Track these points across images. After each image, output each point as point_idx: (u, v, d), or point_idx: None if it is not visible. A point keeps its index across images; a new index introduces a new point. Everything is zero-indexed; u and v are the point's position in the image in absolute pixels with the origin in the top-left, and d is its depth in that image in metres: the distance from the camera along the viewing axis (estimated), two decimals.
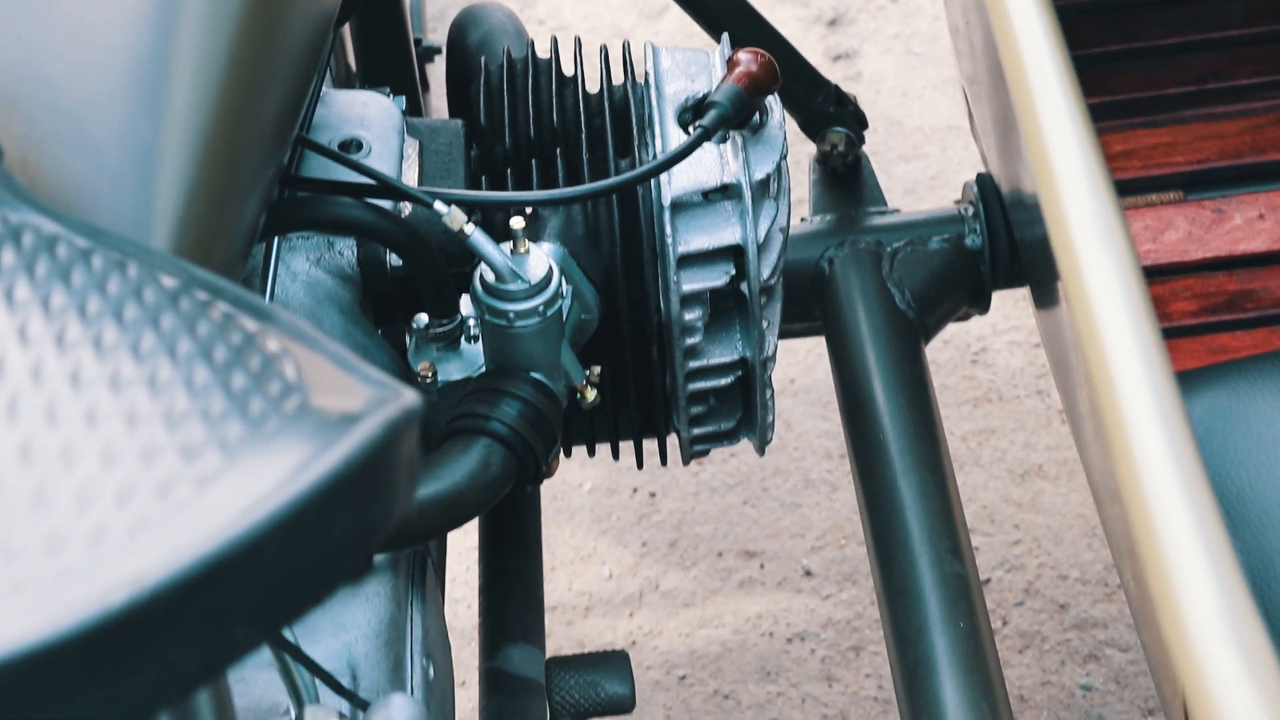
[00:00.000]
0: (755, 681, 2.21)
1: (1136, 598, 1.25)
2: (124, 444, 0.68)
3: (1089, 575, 2.27)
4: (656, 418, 1.54)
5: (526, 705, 1.56)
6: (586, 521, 2.43)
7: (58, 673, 0.59)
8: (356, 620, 1.30)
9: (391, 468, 0.68)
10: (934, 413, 1.64)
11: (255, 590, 0.63)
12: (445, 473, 1.30)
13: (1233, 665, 0.80)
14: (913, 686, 1.44)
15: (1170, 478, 0.89)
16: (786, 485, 2.43)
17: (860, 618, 2.25)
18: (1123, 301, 1.05)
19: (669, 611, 2.30)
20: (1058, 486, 2.38)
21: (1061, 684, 2.17)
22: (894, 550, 1.51)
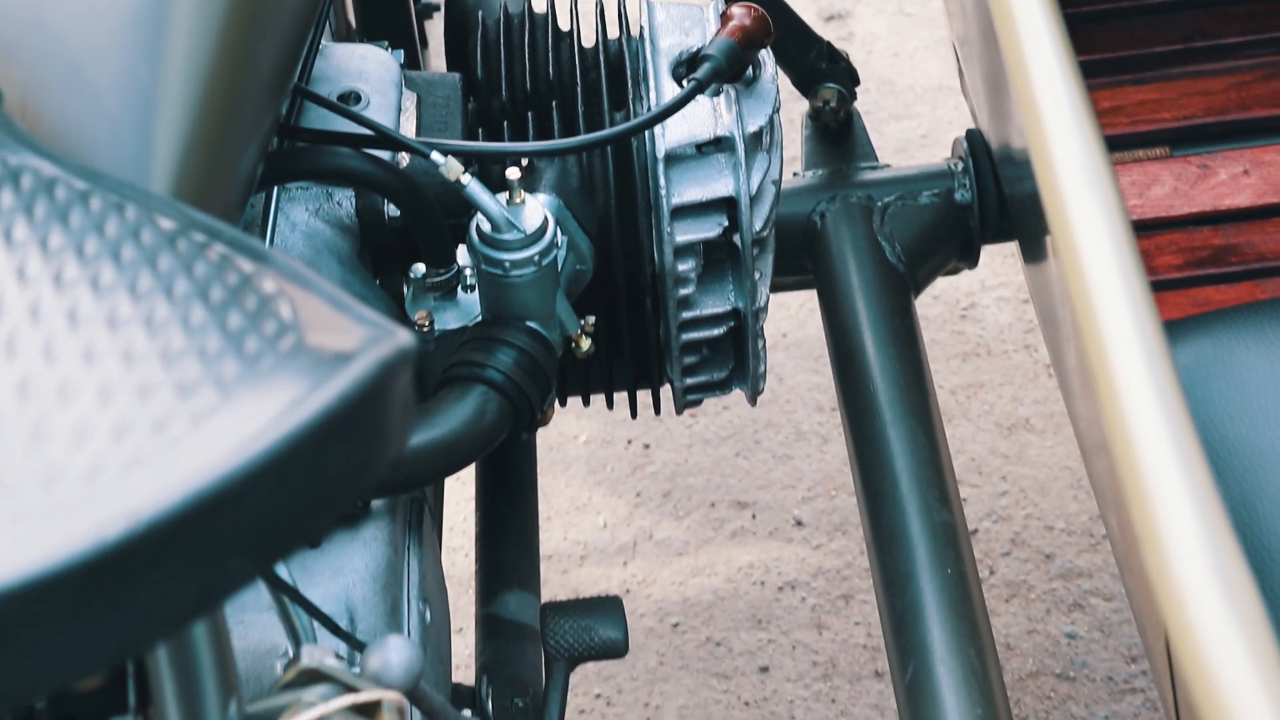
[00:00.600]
0: (747, 629, 2.20)
1: (1121, 544, 1.24)
2: (120, 381, 0.67)
3: (1074, 526, 2.27)
4: (650, 368, 1.53)
5: (522, 650, 1.56)
6: (582, 472, 2.42)
7: (54, 604, 0.59)
8: (354, 564, 1.30)
9: (385, 405, 0.68)
10: (923, 364, 1.64)
11: (250, 524, 0.63)
12: (442, 419, 1.30)
13: (1214, 600, 0.80)
14: (901, 631, 1.43)
15: (1157, 424, 0.88)
16: (778, 437, 2.43)
17: (850, 567, 2.25)
18: (1111, 253, 1.04)
19: (662, 560, 2.30)
20: (1044, 439, 2.38)
21: (1047, 632, 2.16)
22: (883, 498, 1.51)
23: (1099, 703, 2.08)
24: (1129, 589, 1.30)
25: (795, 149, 1.94)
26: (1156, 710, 2.07)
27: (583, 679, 2.17)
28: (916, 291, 1.74)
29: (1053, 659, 2.13)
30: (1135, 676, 2.10)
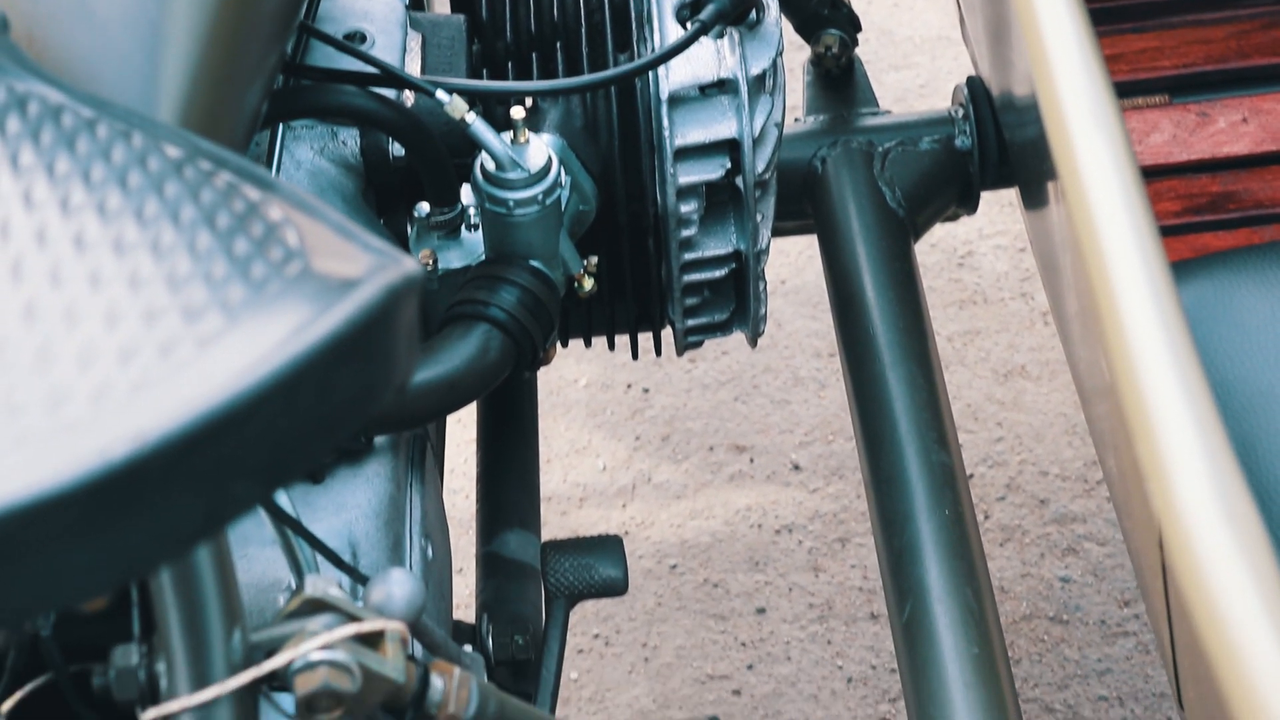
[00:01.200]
0: (744, 571, 2.20)
1: (1119, 485, 1.24)
2: (127, 305, 0.67)
3: (1069, 472, 2.26)
4: (652, 309, 1.52)
5: (522, 588, 1.56)
6: (582, 416, 2.42)
7: (60, 523, 0.58)
8: (357, 500, 1.29)
9: (391, 331, 0.67)
10: (922, 308, 1.63)
11: (256, 447, 0.62)
12: (445, 357, 1.29)
13: (1208, 501, 0.79)
14: (898, 571, 1.43)
15: (1164, 361, 0.87)
16: (776, 382, 2.42)
17: (846, 511, 2.25)
18: (1120, 193, 1.03)
19: (661, 503, 2.29)
20: (1040, 386, 2.37)
21: (1041, 576, 2.16)
22: (882, 440, 1.50)
23: (1092, 646, 2.08)
24: (1125, 530, 1.30)
25: (796, 98, 1.93)
26: (1149, 653, 2.06)
27: (581, 619, 2.17)
28: (916, 236, 1.73)
29: (1046, 602, 2.12)
30: (1128, 620, 2.09)
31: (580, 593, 1.49)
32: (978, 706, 1.33)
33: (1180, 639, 1.06)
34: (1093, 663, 2.06)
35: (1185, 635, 1.03)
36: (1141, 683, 2.03)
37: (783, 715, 2.04)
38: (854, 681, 2.07)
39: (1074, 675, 2.05)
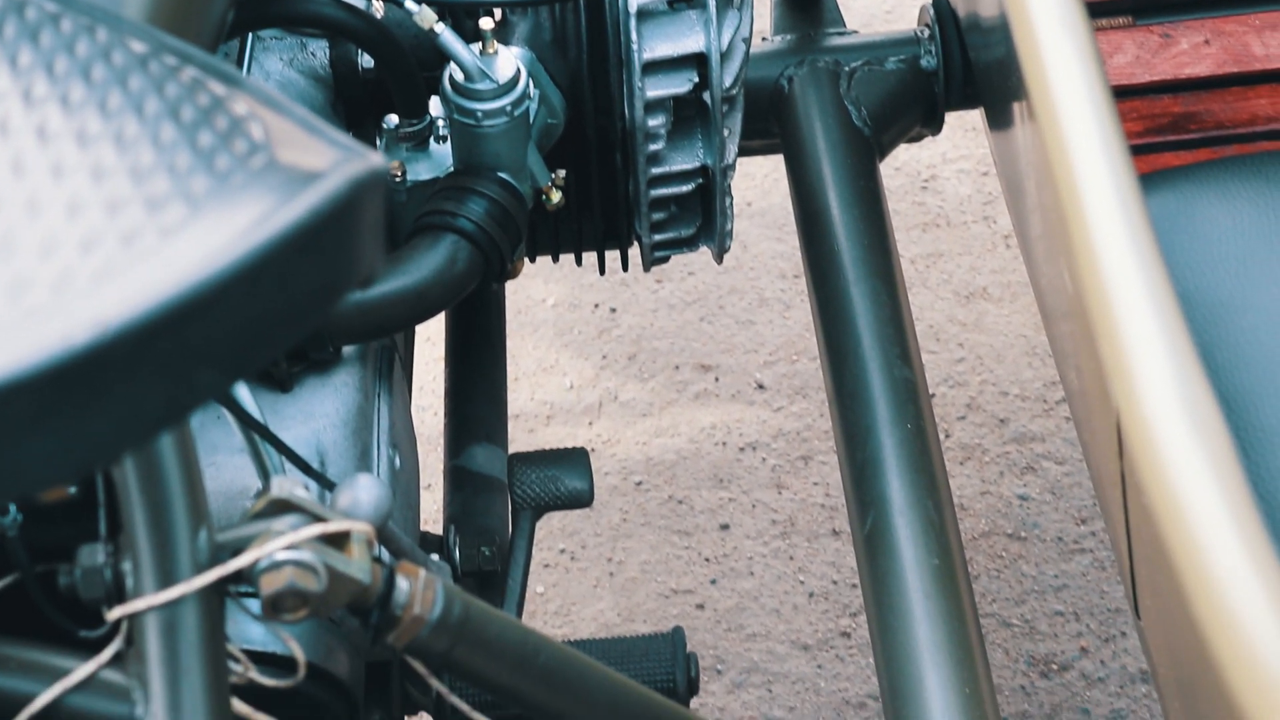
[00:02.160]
0: (708, 488, 2.19)
1: (1079, 396, 1.23)
2: (89, 196, 0.65)
3: (1029, 392, 2.26)
4: (619, 224, 1.51)
5: (489, 501, 1.55)
6: (549, 335, 2.40)
7: (22, 409, 0.57)
8: (325, 409, 1.28)
9: (355, 224, 0.65)
10: (887, 225, 1.62)
11: (220, 336, 0.61)
12: (413, 267, 1.27)
13: (1165, 382, 0.78)
14: (860, 484, 1.42)
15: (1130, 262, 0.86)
16: (742, 303, 2.41)
17: (809, 429, 2.24)
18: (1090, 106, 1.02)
19: (627, 421, 2.28)
20: (1001, 308, 2.36)
21: (1000, 494, 2.16)
22: (845, 354, 1.49)
23: (1049, 562, 2.08)
24: (1085, 443, 1.29)
25: (764, 22, 1.91)
26: (1104, 570, 2.06)
27: (547, 534, 2.16)
28: (881, 155, 1.72)
29: (1005, 519, 2.12)
30: (1084, 538, 2.09)
31: (546, 504, 1.48)
32: (937, 616, 1.32)
33: (1138, 546, 1.06)
34: (1049, 578, 2.06)
35: (1143, 541, 1.03)
36: (1097, 598, 2.03)
37: (745, 629, 2.04)
38: (815, 596, 2.07)
39: (1031, 591, 2.05)
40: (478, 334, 1.69)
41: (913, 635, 1.32)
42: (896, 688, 1.29)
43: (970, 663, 1.30)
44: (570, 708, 0.98)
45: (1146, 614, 1.14)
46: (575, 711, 0.99)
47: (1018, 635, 2.01)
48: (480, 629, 0.93)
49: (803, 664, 2.00)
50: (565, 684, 0.98)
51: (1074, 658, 1.98)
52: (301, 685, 1.14)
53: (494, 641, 0.94)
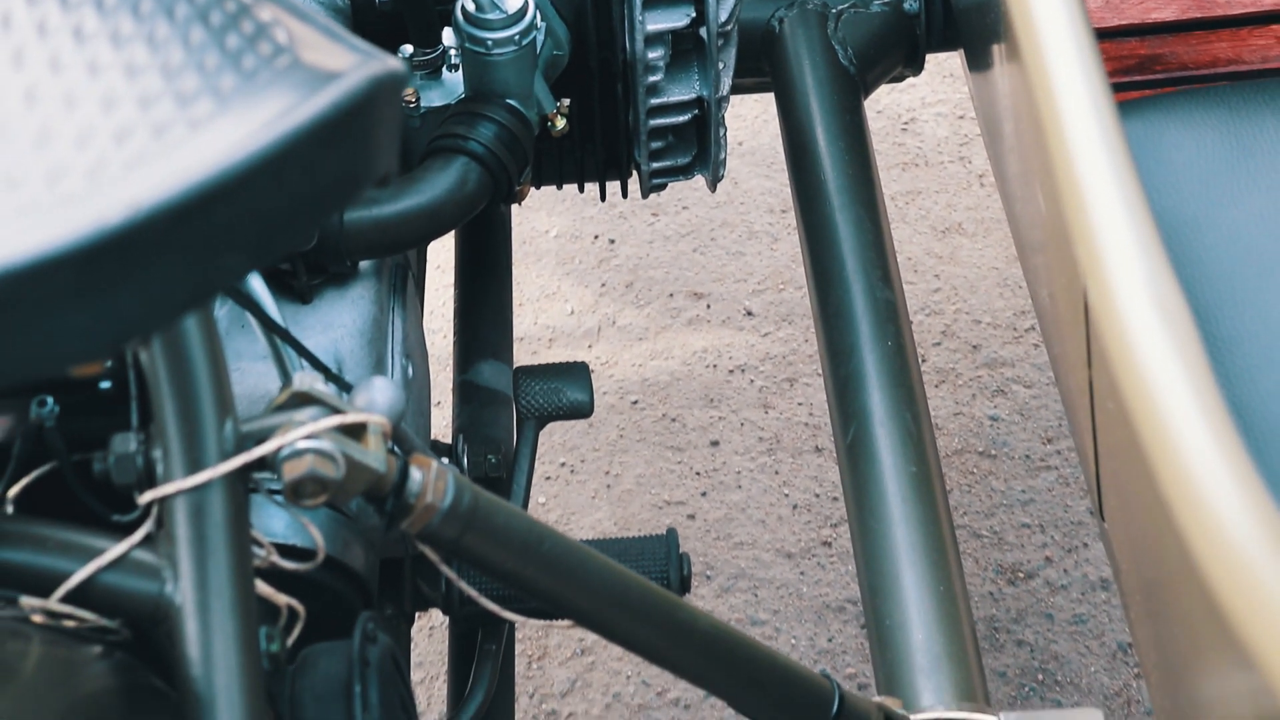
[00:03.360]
0: (700, 407, 2.19)
1: (1050, 312, 1.22)
2: (123, 91, 0.64)
3: (1000, 321, 2.25)
4: (619, 153, 1.50)
5: (496, 414, 1.54)
6: (552, 264, 2.39)
7: (58, 285, 0.56)
8: (343, 320, 1.27)
9: (373, 120, 0.64)
10: (870, 158, 1.61)
11: (245, 221, 0.60)
12: (426, 186, 1.26)
13: (1130, 257, 0.77)
14: (844, 397, 1.41)
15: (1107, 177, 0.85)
16: (732, 235, 2.40)
17: (795, 353, 2.23)
18: (1071, 35, 1.01)
19: (624, 344, 2.28)
20: (975, 242, 2.35)
21: (972, 415, 2.15)
22: (830, 277, 1.48)
23: (1017, 478, 2.08)
24: (1054, 358, 1.28)
25: None
26: (1069, 486, 2.06)
27: (549, 449, 2.16)
28: (865, 93, 1.70)
29: (976, 438, 2.12)
30: (1050, 456, 2.09)
31: (549, 414, 1.48)
32: (914, 520, 1.32)
33: (1104, 449, 1.05)
34: (1017, 493, 2.06)
35: (1109, 443, 1.02)
36: (1061, 512, 2.03)
37: (733, 538, 2.04)
38: (799, 508, 2.06)
39: (1000, 504, 2.05)
40: (485, 259, 1.69)
41: (891, 537, 1.31)
42: (875, 586, 1.29)
43: (944, 563, 1.29)
44: (572, 593, 0.98)
45: (1111, 515, 1.13)
46: (577, 597, 0.98)
47: (987, 546, 2.01)
48: (488, 518, 0.92)
49: (786, 570, 2.00)
50: (568, 571, 0.97)
51: (1039, 567, 1.98)
52: (319, 575, 1.14)
53: (501, 530, 0.93)
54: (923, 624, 1.24)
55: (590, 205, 2.44)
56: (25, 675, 0.75)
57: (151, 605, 0.84)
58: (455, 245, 1.72)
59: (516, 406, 1.47)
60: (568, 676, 1.92)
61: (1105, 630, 1.91)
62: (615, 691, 1.90)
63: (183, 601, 0.83)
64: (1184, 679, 1.02)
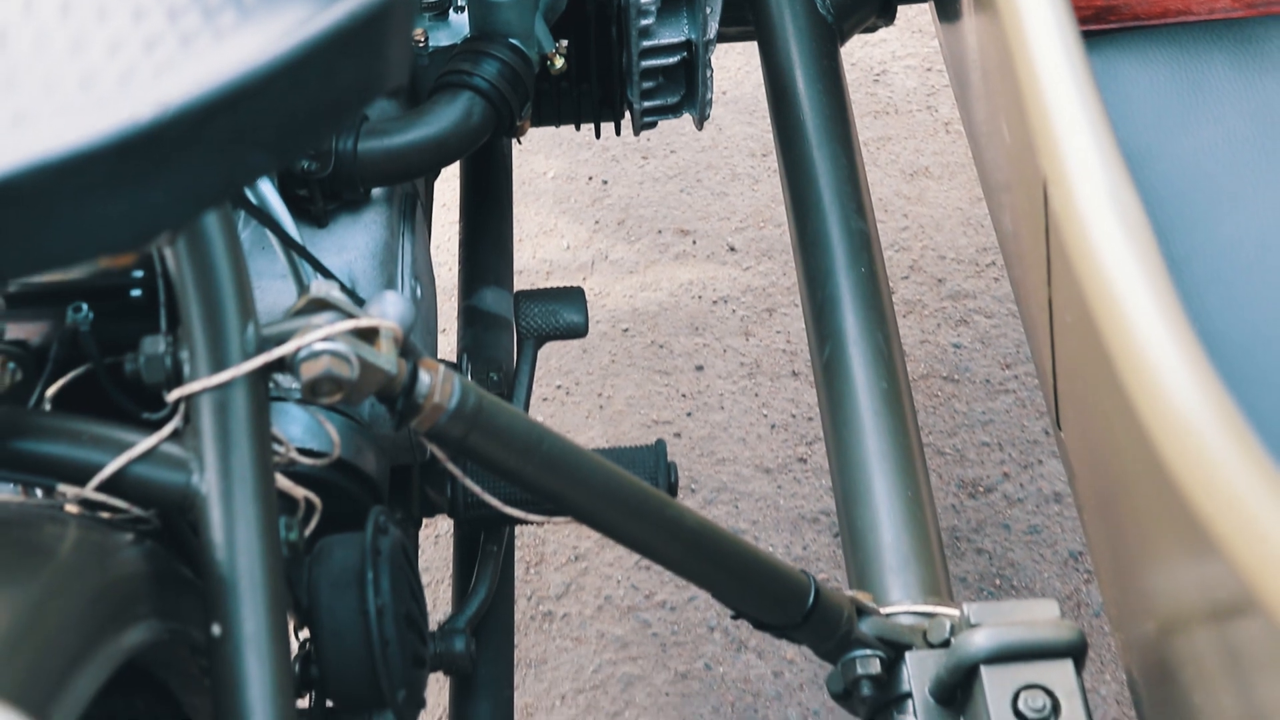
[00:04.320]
0: (685, 335, 2.18)
1: (1013, 236, 1.21)
2: (152, 5, 0.63)
3: (963, 257, 2.24)
4: (613, 92, 1.48)
5: (497, 336, 1.53)
6: (549, 203, 2.38)
7: (93, 176, 0.55)
8: (356, 242, 1.26)
9: (387, 31, 0.63)
10: (845, 100, 1.59)
11: (267, 121, 0.59)
12: (434, 119, 1.25)
13: (1087, 150, 0.76)
14: (820, 319, 1.40)
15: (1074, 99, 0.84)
16: (717, 177, 2.39)
17: (774, 286, 2.22)
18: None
19: (616, 277, 2.27)
20: (941, 184, 2.34)
21: (936, 343, 2.15)
22: (808, 208, 1.47)
23: (977, 401, 2.07)
24: (1016, 280, 1.28)
25: None
26: (1025, 408, 2.06)
27: (545, 373, 2.15)
28: (842, 41, 1.69)
29: (940, 364, 2.11)
30: (1009, 380, 2.09)
31: (547, 335, 1.47)
32: (885, 431, 1.31)
33: (1062, 360, 1.05)
34: (978, 414, 2.05)
35: (1067, 353, 1.01)
36: (1018, 432, 2.03)
37: (716, 454, 2.03)
38: (776, 428, 2.06)
39: (962, 425, 2.05)
40: (488, 194, 1.67)
41: (863, 447, 1.31)
42: (848, 492, 1.29)
43: (912, 471, 1.29)
44: (570, 490, 0.97)
45: (1067, 425, 1.13)
46: (574, 494, 0.98)
47: (949, 462, 2.01)
48: (491, 418, 0.92)
49: (765, 485, 2.00)
50: (566, 470, 0.97)
51: (997, 481, 1.98)
52: (334, 477, 1.14)
53: (504, 430, 0.92)
54: (892, 526, 1.24)
55: (585, 149, 2.42)
56: (62, 556, 0.75)
57: (179, 495, 0.83)
58: (460, 181, 1.70)
59: (517, 327, 1.47)
60: (563, 581, 1.92)
61: (1058, 540, 1.91)
62: (606, 594, 1.90)
63: (208, 491, 0.83)
64: (1135, 576, 1.02)
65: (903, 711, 1.13)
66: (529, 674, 1.84)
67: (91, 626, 0.72)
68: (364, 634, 0.92)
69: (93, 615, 0.73)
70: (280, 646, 0.81)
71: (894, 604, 1.19)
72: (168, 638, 0.82)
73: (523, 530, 1.95)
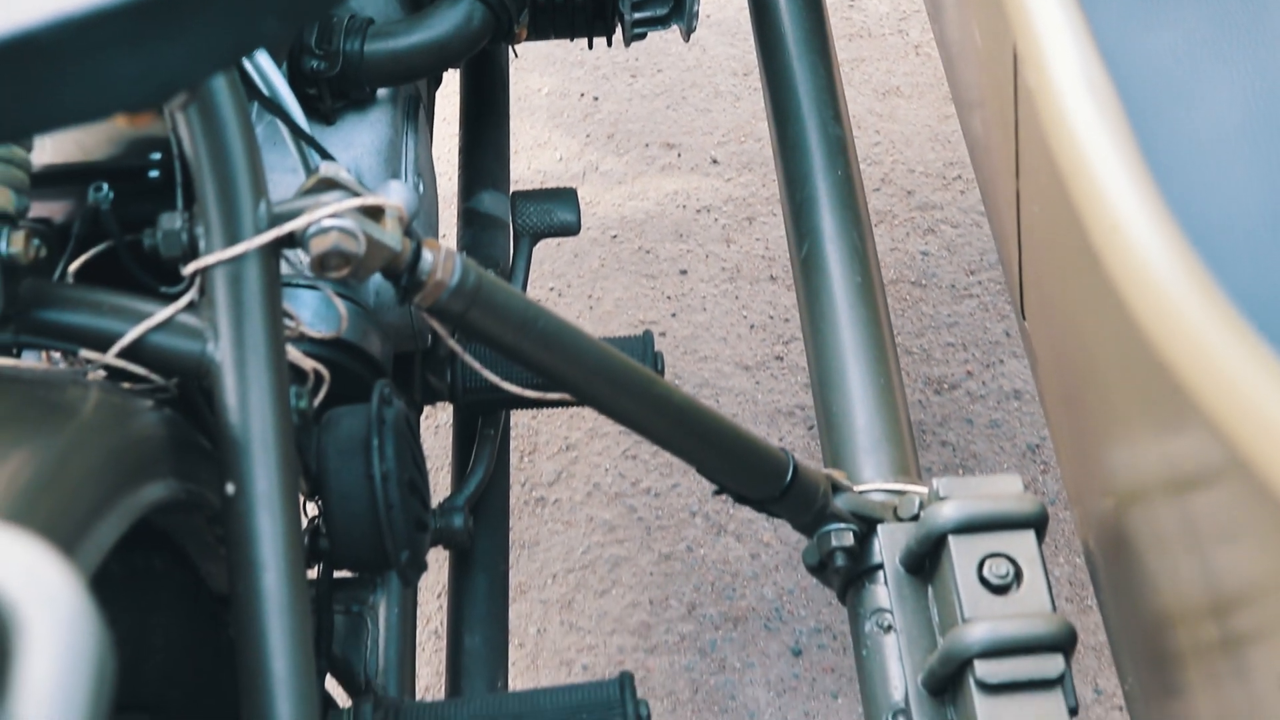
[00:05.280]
0: (670, 241, 2.16)
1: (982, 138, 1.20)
2: None
3: (931, 170, 2.22)
4: (605, 3, 1.46)
5: (494, 235, 1.52)
6: (543, 118, 2.35)
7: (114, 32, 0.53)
8: (362, 139, 1.24)
9: None
10: (824, 16, 1.57)
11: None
12: (436, 22, 1.23)
13: (1061, 41, 0.74)
14: (799, 219, 1.39)
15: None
16: (700, 95, 2.36)
17: (754, 197, 2.20)
18: None
19: (605, 187, 2.24)
20: (911, 103, 2.32)
21: (905, 250, 2.13)
22: (788, 114, 1.45)
23: (943, 304, 2.06)
24: (984, 180, 1.26)
25: None
26: (988, 311, 2.04)
27: (539, 276, 2.13)
28: None
29: (909, 270, 2.10)
30: (973, 286, 2.07)
31: (542, 232, 1.45)
32: (859, 323, 1.30)
33: (1028, 248, 1.03)
34: (944, 317, 2.04)
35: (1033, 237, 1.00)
36: (981, 333, 2.02)
37: (699, 352, 2.02)
38: (755, 328, 2.05)
39: (929, 326, 2.03)
40: (487, 103, 1.65)
41: (838, 338, 1.29)
42: (824, 379, 1.28)
43: (884, 360, 1.28)
44: (564, 366, 0.96)
45: (1032, 312, 1.12)
46: (567, 369, 0.96)
47: (917, 361, 1.99)
48: (490, 295, 0.90)
49: (744, 380, 1.99)
50: (560, 345, 0.95)
51: (961, 379, 1.97)
52: (340, 358, 1.12)
53: (501, 306, 0.91)
54: (865, 411, 1.23)
55: (577, 67, 2.39)
56: (85, 414, 0.73)
57: (195, 363, 0.82)
58: (460, 92, 1.68)
59: (514, 225, 1.45)
60: (554, 469, 1.91)
61: (1017, 434, 1.90)
62: (595, 482, 1.89)
63: (222, 359, 0.81)
64: (1096, 452, 1.01)
65: (874, 581, 1.12)
66: (522, 554, 1.83)
67: (112, 479, 0.71)
68: (369, 498, 0.90)
69: (114, 468, 0.72)
70: (290, 504, 0.79)
71: (866, 482, 1.18)
72: (184, 498, 0.81)
73: (517, 421, 1.94)
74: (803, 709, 1.66)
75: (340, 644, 1.14)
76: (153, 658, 0.90)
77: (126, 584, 0.85)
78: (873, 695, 1.07)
